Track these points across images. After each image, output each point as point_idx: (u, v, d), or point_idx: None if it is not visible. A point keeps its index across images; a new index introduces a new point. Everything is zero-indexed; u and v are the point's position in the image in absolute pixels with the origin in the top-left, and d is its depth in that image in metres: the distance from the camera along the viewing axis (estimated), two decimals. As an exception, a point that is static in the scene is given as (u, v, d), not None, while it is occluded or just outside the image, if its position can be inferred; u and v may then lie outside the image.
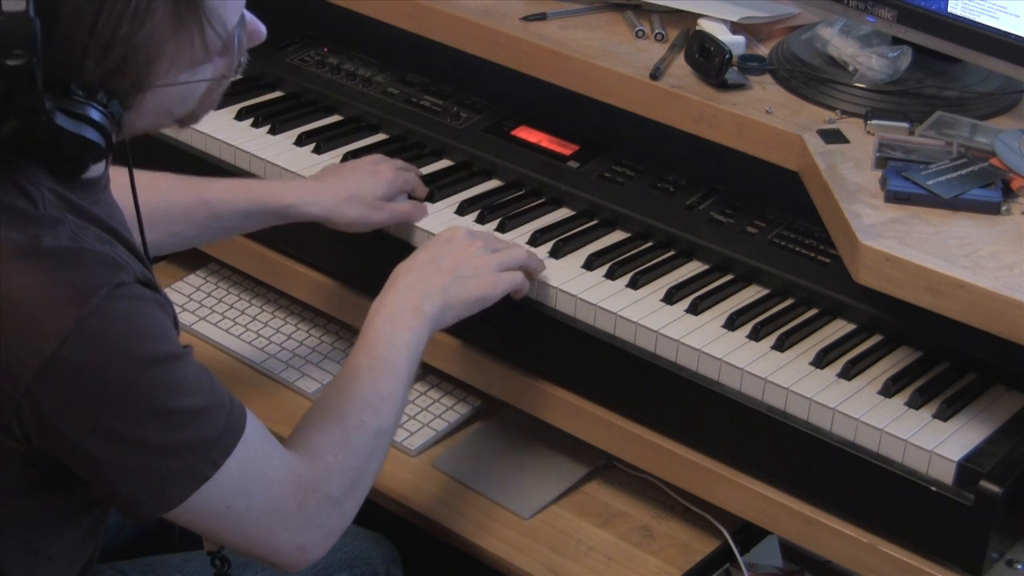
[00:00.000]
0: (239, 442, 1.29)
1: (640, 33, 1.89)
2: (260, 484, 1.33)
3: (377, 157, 1.87)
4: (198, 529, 1.34)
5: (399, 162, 1.87)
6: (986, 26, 1.61)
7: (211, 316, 2.07)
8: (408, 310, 1.55)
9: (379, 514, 1.79)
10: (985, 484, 1.42)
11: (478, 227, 1.81)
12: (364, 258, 1.85)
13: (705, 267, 1.76)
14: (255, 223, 1.78)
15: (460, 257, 1.61)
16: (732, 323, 1.64)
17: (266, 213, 1.76)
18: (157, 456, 1.24)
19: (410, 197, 1.86)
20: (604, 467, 1.84)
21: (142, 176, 1.51)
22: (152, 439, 1.23)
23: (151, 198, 1.28)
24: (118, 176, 1.38)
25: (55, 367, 1.18)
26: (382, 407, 1.47)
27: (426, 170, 1.94)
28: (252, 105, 2.09)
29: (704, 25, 1.85)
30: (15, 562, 1.33)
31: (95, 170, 1.30)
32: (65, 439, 1.22)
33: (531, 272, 1.69)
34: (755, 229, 1.76)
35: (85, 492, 1.34)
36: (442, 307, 1.57)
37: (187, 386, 1.26)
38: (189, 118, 1.33)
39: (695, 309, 1.66)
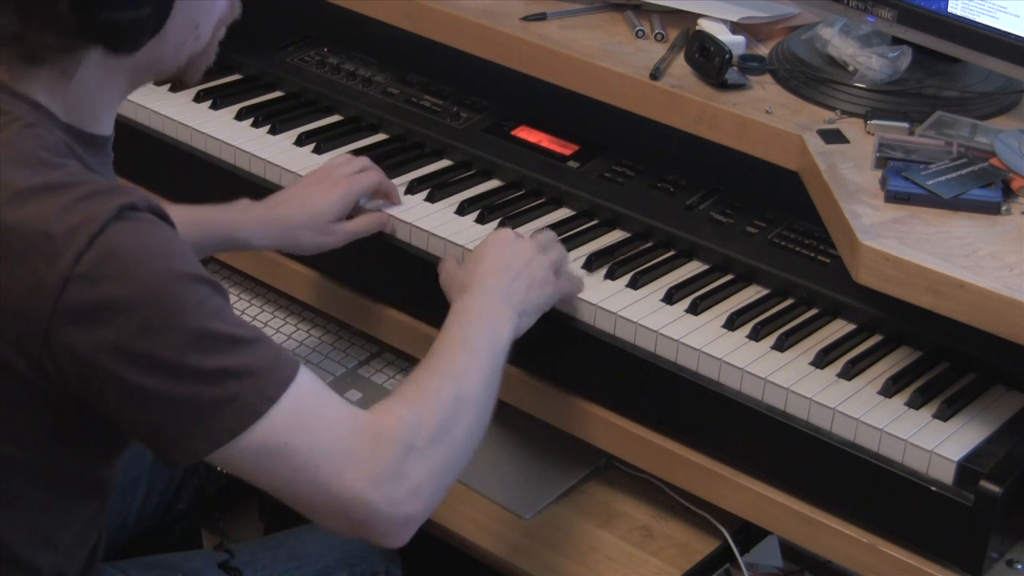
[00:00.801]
0: (294, 380, 1.26)
1: (640, 33, 1.89)
2: (321, 423, 1.27)
3: (341, 160, 1.84)
4: (263, 479, 1.28)
5: (358, 164, 1.82)
6: (986, 26, 1.61)
7: (211, 316, 2.07)
8: (492, 309, 1.52)
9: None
10: (985, 484, 1.42)
11: (478, 227, 1.81)
12: (364, 258, 1.85)
13: (705, 267, 1.76)
14: (207, 251, 1.78)
15: (525, 260, 1.58)
16: (732, 323, 1.64)
17: (221, 244, 1.76)
18: (196, 383, 1.21)
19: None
20: (604, 467, 1.85)
21: None
22: (185, 361, 1.21)
23: None
24: None
25: (75, 286, 1.18)
26: (461, 377, 1.41)
27: (426, 170, 1.94)
28: (252, 105, 2.10)
29: (704, 25, 1.85)
30: (23, 547, 1.33)
31: (105, 127, 1.35)
32: (97, 369, 1.20)
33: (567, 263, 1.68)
34: (755, 229, 1.76)
35: (101, 453, 1.33)
36: (521, 312, 1.55)
37: (220, 313, 1.24)
38: (192, 66, 1.37)
39: (695, 309, 1.66)
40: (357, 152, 1.97)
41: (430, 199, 1.87)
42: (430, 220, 1.83)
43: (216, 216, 1.75)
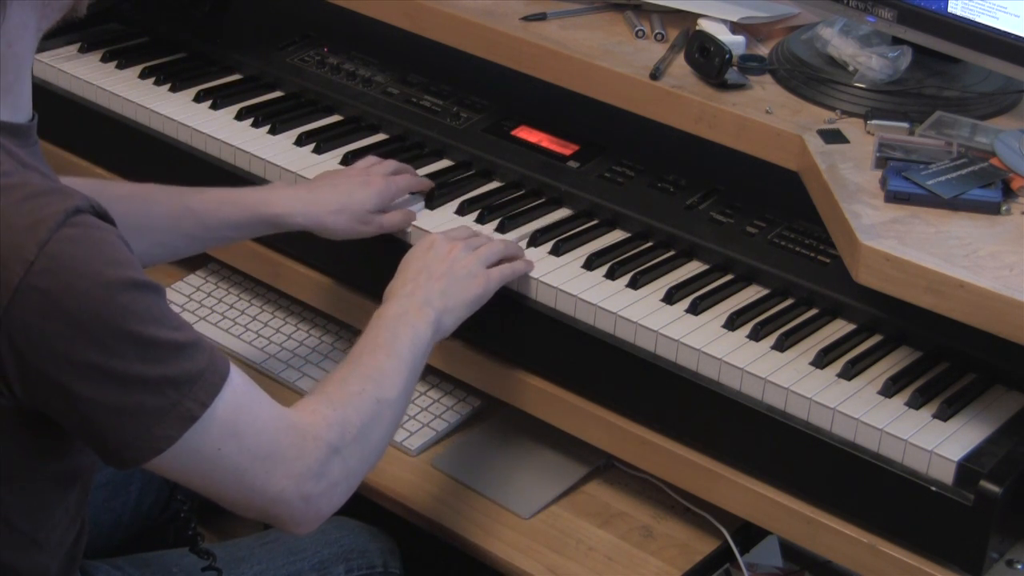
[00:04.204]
0: (225, 383, 1.29)
1: (640, 33, 1.89)
2: (252, 427, 1.32)
3: (371, 161, 1.86)
4: (195, 482, 1.32)
5: (392, 166, 1.85)
6: (986, 26, 1.61)
7: (211, 316, 2.07)
8: (412, 312, 1.57)
9: (379, 513, 1.79)
10: (985, 484, 1.42)
11: (477, 227, 1.81)
12: (364, 258, 1.85)
13: (705, 267, 1.75)
14: (244, 233, 1.78)
15: (448, 261, 1.64)
16: (732, 323, 1.64)
17: (255, 223, 1.76)
18: (140, 392, 1.23)
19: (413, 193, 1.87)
20: (604, 467, 1.84)
21: (126, 187, 1.50)
22: (132, 371, 1.22)
23: (135, 208, 1.27)
24: (107, 188, 1.37)
25: (23, 295, 1.18)
26: (383, 381, 1.47)
27: (426, 170, 1.94)
28: (252, 105, 2.10)
29: (704, 25, 1.85)
30: (8, 549, 1.33)
31: (25, 111, 1.30)
32: (45, 379, 1.21)
33: (513, 259, 1.71)
34: (755, 229, 1.76)
35: (65, 446, 1.33)
36: (443, 311, 1.59)
37: (162, 319, 1.25)
38: None
39: (695, 309, 1.66)
40: (357, 152, 1.97)
41: (429, 200, 1.87)
42: (430, 220, 1.83)
43: (256, 196, 1.76)
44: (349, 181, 1.80)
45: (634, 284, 1.71)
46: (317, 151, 1.98)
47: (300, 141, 2.00)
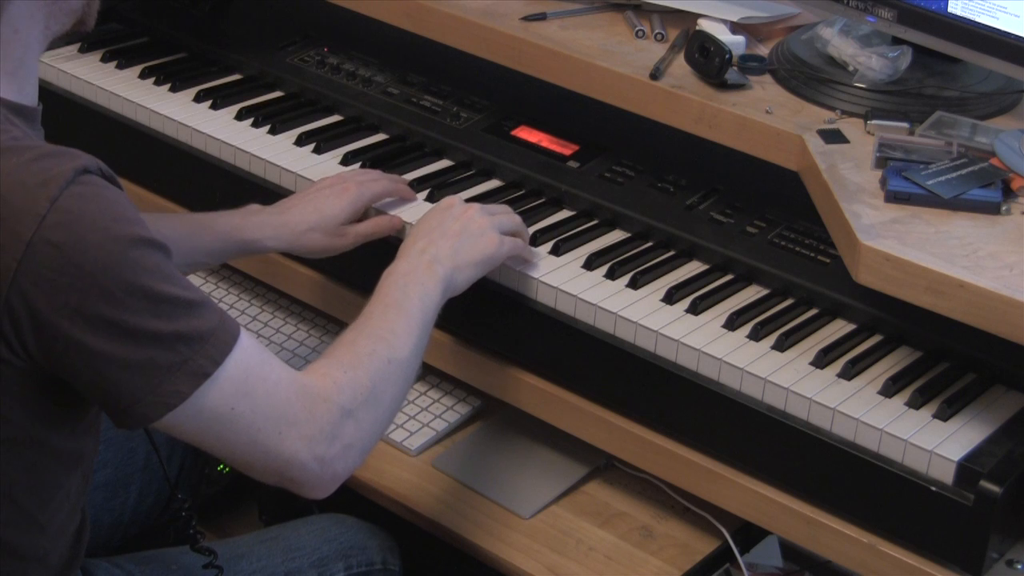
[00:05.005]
0: (236, 344, 1.30)
1: (640, 33, 1.89)
2: (263, 387, 1.33)
3: (350, 172, 1.85)
4: (208, 442, 1.33)
5: (371, 175, 1.83)
6: (986, 26, 1.61)
7: (211, 316, 2.07)
8: (421, 270, 1.58)
9: (379, 512, 1.79)
10: (985, 484, 1.42)
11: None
12: (364, 258, 1.84)
13: (705, 267, 1.76)
14: (218, 258, 1.80)
15: (463, 220, 1.64)
16: (732, 323, 1.64)
17: (229, 249, 1.77)
18: (151, 347, 1.25)
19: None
20: (604, 467, 1.85)
21: None
22: (143, 325, 1.24)
23: None
24: None
25: (35, 250, 1.20)
26: (394, 340, 1.49)
27: (426, 170, 1.94)
28: (252, 105, 2.10)
29: (704, 25, 1.85)
30: (6, 527, 1.34)
31: (31, 96, 1.33)
32: (58, 334, 1.22)
33: (523, 237, 1.73)
34: (755, 229, 1.76)
35: (72, 421, 1.34)
36: (453, 269, 1.60)
37: (172, 276, 1.27)
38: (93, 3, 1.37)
39: (695, 309, 1.66)
40: (357, 152, 1.97)
41: (430, 199, 1.87)
42: (430, 220, 1.83)
43: (228, 221, 1.76)
44: (320, 194, 1.79)
45: (634, 284, 1.71)
46: (317, 151, 1.98)
47: (300, 141, 2.00)
